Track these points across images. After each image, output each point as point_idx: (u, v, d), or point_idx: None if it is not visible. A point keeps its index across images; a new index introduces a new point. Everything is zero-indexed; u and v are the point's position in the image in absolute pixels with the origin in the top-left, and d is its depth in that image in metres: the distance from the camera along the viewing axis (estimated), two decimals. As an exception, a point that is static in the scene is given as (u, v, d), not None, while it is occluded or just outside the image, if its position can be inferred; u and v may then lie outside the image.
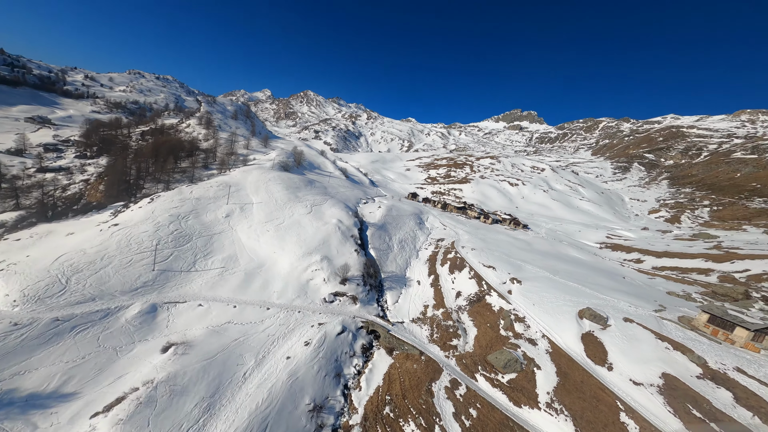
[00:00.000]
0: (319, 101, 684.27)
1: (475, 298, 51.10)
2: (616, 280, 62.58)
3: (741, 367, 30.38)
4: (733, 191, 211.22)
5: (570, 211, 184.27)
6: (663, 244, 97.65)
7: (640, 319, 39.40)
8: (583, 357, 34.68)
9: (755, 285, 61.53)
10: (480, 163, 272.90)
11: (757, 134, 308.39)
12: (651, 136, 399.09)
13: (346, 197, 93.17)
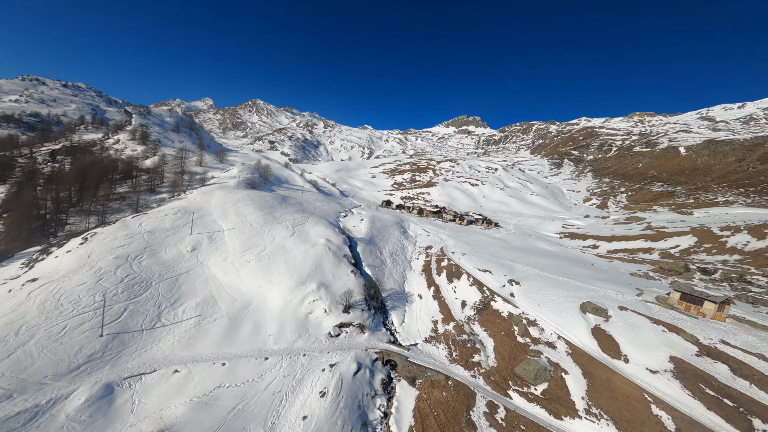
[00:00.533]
0: (270, 110, 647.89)
1: (481, 305, 50.83)
2: (588, 267, 69.00)
3: (724, 339, 34.73)
4: (639, 179, 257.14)
5: (525, 206, 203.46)
6: (608, 230, 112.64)
7: (631, 305, 43.16)
8: (600, 353, 36.21)
9: (688, 258, 74.21)
10: (441, 166, 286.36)
11: (647, 132, 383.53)
12: (573, 136, 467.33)
13: (325, 212, 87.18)
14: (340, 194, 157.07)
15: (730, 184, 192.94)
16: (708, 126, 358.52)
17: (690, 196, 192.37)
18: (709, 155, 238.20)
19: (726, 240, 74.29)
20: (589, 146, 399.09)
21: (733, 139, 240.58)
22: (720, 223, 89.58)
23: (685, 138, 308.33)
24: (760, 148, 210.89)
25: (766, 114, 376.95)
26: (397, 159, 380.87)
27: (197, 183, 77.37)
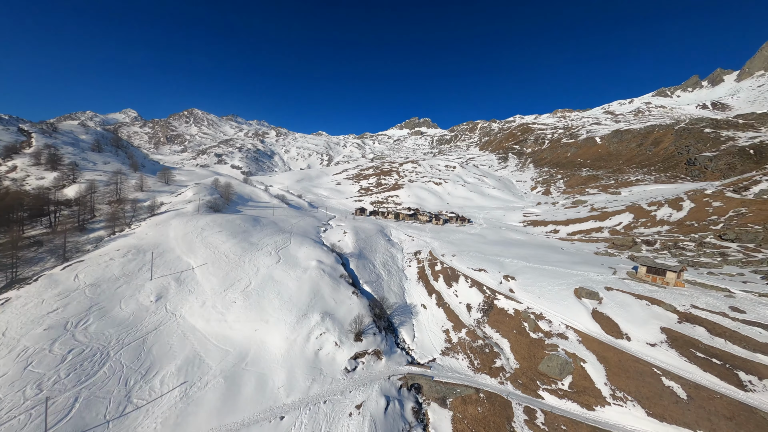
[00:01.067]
0: (212, 120, 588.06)
1: (486, 306, 51.66)
2: (560, 252, 75.97)
3: (694, 304, 40.64)
4: (570, 166, 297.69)
5: (485, 199, 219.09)
6: (562, 214, 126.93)
7: (615, 285, 48.20)
8: (605, 335, 39.28)
9: (631, 233, 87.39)
10: (404, 168, 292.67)
11: (569, 126, 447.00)
12: (513, 132, 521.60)
13: (304, 229, 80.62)
14: (309, 206, 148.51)
15: (636, 165, 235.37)
16: (611, 118, 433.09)
17: (610, 177, 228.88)
18: (617, 143, 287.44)
19: (655, 214, 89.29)
20: (527, 140, 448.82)
21: (632, 128, 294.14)
22: (645, 199, 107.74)
23: (597, 129, 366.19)
24: (650, 135, 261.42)
25: (648, 107, 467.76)
26: (359, 164, 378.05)
27: (144, 213, 64.27)
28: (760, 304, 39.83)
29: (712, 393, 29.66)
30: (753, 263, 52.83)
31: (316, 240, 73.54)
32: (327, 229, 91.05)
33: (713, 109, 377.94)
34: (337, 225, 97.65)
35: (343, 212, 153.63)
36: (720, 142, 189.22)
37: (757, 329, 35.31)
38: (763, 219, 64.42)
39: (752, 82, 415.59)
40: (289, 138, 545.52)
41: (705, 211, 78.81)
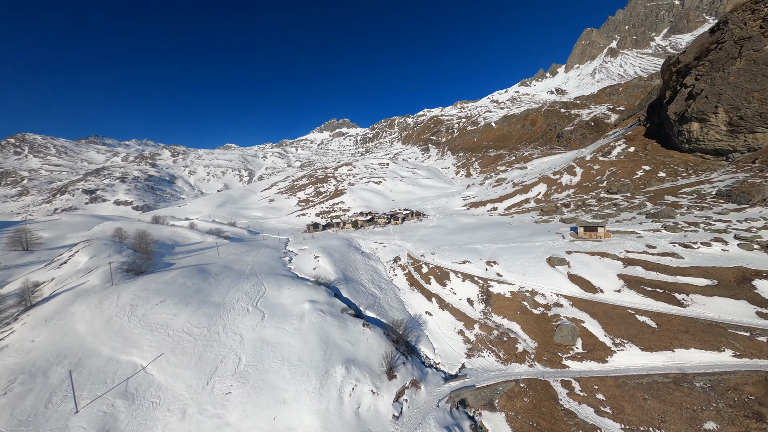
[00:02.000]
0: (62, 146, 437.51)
1: (484, 296, 55.09)
2: (512, 227, 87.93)
3: (626, 249, 53.06)
4: (478, 149, 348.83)
5: (424, 189, 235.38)
6: (493, 193, 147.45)
7: (571, 248, 58.60)
8: (585, 293, 47.28)
9: (550, 199, 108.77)
10: (339, 172, 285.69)
11: (469, 115, 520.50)
12: (427, 125, 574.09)
13: (268, 265, 68.66)
14: (249, 233, 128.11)
15: (525, 142, 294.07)
16: (496, 106, 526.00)
17: (511, 155, 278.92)
18: (508, 126, 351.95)
19: (560, 181, 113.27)
20: (440, 131, 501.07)
21: (515, 113, 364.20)
22: (548, 170, 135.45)
23: (491, 116, 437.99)
24: (528, 117, 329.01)
25: (517, 94, 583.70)
26: (288, 174, 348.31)
27: (13, 308, 41.70)
28: (659, 238, 55.24)
29: (668, 317, 39.41)
30: (635, 207, 72.66)
31: (290, 275, 63.62)
32: (292, 258, 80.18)
33: (557, 94, 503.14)
34: (300, 249, 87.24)
35: (293, 232, 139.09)
36: (572, 119, 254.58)
37: (668, 258, 49.00)
38: (627, 174, 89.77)
39: (573, 72, 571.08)
40: (191, 156, 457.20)
41: (591, 173, 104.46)
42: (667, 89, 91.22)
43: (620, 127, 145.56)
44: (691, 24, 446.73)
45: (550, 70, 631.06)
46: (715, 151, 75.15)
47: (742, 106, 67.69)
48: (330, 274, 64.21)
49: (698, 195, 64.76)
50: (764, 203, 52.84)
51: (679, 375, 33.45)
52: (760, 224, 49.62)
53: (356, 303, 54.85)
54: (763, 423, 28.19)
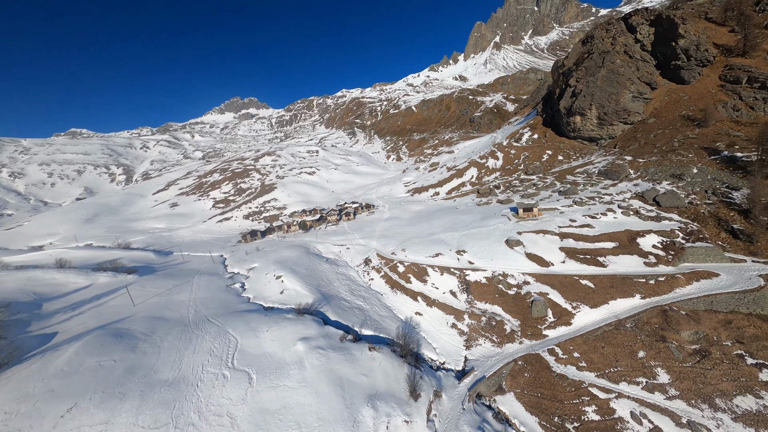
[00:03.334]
0: None
1: (464, 285, 59.68)
2: (461, 212, 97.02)
3: (558, 225, 66.21)
4: (404, 133, 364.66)
5: (361, 177, 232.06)
6: (431, 177, 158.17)
7: (520, 228, 69.10)
8: (542, 269, 57.12)
9: (483, 182, 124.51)
10: (262, 163, 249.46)
11: (389, 98, 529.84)
12: (349, 107, 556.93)
13: (219, 301, 54.68)
14: (161, 255, 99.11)
15: (444, 126, 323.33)
16: (412, 90, 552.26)
17: (434, 138, 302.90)
18: (427, 110, 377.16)
19: (487, 165, 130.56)
20: (364, 114, 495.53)
21: (431, 98, 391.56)
22: (473, 154, 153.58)
23: (410, 100, 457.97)
24: (443, 102, 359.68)
25: (428, 79, 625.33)
26: (190, 169, 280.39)
27: None
28: (574, 212, 71.10)
29: (599, 277, 52.04)
30: (548, 186, 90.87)
31: (255, 307, 52.60)
32: (243, 283, 66.40)
33: (461, 80, 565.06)
34: (250, 269, 73.13)
35: (222, 244, 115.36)
36: (479, 105, 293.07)
37: (585, 228, 64.05)
38: (537, 158, 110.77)
39: (471, 61, 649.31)
40: (10, 150, 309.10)
41: (510, 157, 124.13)
42: (556, 87, 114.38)
43: (519, 115, 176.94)
44: (546, 29, 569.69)
45: (453, 58, 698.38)
46: (590, 138, 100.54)
47: (605, 104, 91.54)
48: (305, 296, 56.41)
49: (587, 174, 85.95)
50: (627, 179, 74.63)
51: (616, 322, 45.32)
52: (629, 195, 70.07)
53: (348, 324, 50.41)
54: (666, 342, 41.61)
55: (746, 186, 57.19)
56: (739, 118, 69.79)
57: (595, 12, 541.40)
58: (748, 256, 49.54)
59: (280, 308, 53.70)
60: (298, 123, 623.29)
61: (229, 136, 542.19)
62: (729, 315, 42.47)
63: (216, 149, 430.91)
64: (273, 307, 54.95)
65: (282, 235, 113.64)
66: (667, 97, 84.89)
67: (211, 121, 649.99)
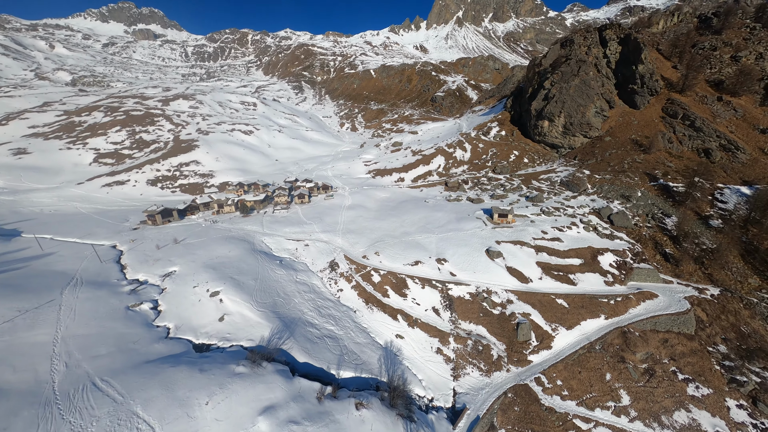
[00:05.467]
0: None
1: (447, 301, 55.03)
2: (431, 207, 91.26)
3: (532, 236, 66.79)
4: (360, 99, 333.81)
5: (311, 146, 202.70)
6: (395, 159, 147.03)
7: (498, 236, 67.36)
8: (522, 285, 56.55)
9: (449, 173, 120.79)
10: (175, 108, 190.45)
11: (345, 53, 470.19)
12: (295, 54, 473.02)
13: (116, 338, 35.34)
14: None
15: (404, 99, 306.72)
16: (371, 50, 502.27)
17: (393, 112, 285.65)
18: (387, 77, 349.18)
19: (455, 155, 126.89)
20: (314, 67, 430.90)
21: (393, 65, 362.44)
22: (440, 141, 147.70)
23: (368, 62, 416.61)
24: (404, 72, 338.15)
25: (388, 41, 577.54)
26: (54, 99, 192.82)
27: None
28: (543, 222, 73.14)
29: (572, 296, 54.19)
30: (516, 189, 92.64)
31: (185, 352, 35.88)
32: (157, 301, 46.09)
33: (421, 51, 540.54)
34: (168, 276, 51.84)
35: (113, 224, 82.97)
36: (441, 84, 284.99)
37: (556, 242, 66.43)
38: (504, 156, 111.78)
39: (432, 32, 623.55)
40: None
41: (478, 151, 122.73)
42: (530, 85, 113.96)
43: (484, 105, 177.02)
44: (504, 16, 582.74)
45: (414, 23, 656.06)
46: (553, 145, 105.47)
47: (573, 114, 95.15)
48: (258, 326, 42.09)
49: (551, 182, 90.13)
50: (585, 193, 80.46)
51: (588, 345, 47.99)
52: (587, 209, 75.62)
53: (323, 364, 39.56)
54: (625, 362, 45.98)
55: (675, 214, 67.19)
56: (670, 149, 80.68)
57: (546, 11, 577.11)
58: (674, 277, 58.99)
59: (222, 349, 38.39)
60: (226, 60, 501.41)
61: (118, 58, 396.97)
62: (666, 334, 49.51)
63: (96, 74, 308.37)
64: (210, 346, 39.06)
65: (211, 217, 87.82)
66: (621, 119, 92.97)
67: (84, 30, 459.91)
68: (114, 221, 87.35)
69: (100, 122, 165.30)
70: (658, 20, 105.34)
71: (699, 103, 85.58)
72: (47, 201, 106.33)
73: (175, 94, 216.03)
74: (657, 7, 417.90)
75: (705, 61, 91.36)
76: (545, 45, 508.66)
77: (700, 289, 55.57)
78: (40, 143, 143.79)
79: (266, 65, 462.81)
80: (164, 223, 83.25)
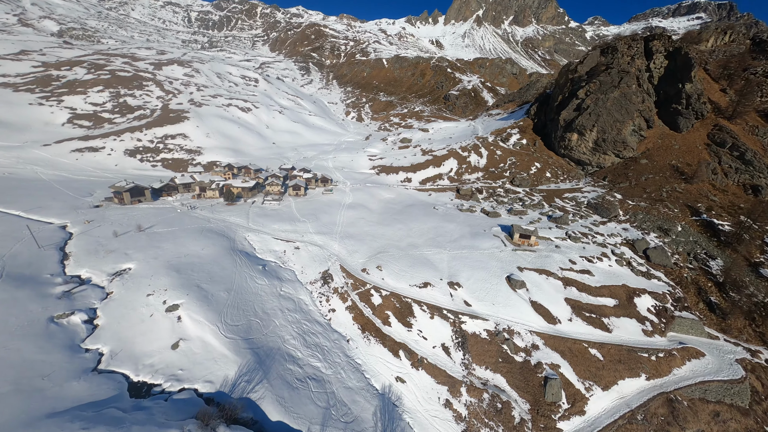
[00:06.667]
0: None
1: (460, 338, 45.75)
2: (441, 216, 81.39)
3: (559, 266, 57.77)
4: (369, 88, 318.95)
5: (313, 132, 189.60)
6: (402, 157, 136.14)
7: (520, 261, 58.18)
8: (549, 326, 47.58)
9: (462, 179, 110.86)
10: (168, 74, 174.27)
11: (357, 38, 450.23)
12: (305, 33, 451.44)
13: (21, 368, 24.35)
14: None
15: (415, 94, 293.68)
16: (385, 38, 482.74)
17: (402, 106, 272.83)
18: (399, 69, 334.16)
19: (469, 160, 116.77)
20: (323, 49, 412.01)
21: (407, 56, 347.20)
22: (453, 143, 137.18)
23: (381, 50, 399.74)
24: (419, 66, 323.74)
25: (404, 32, 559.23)
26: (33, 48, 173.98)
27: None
28: (570, 249, 64.22)
29: (606, 346, 45.54)
30: (536, 206, 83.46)
31: (116, 396, 25.27)
32: (95, 311, 35.09)
33: (436, 46, 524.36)
34: (119, 274, 40.90)
35: (70, 198, 70.97)
36: (456, 82, 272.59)
37: (586, 275, 57.60)
38: (525, 167, 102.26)
39: (450, 28, 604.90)
40: None
41: (495, 158, 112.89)
42: (560, 92, 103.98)
43: (502, 109, 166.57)
44: (525, 20, 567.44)
45: (432, 17, 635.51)
46: (579, 161, 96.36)
47: (607, 130, 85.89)
48: (223, 361, 31.82)
49: (576, 202, 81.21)
50: (616, 219, 71.78)
51: (628, 413, 39.38)
52: (619, 240, 66.98)
53: (302, 426, 29.65)
54: (671, 439, 37.81)
55: (721, 257, 59.10)
56: (714, 181, 72.34)
57: (567, 21, 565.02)
58: (720, 332, 51.05)
59: (169, 394, 28.05)
60: (231, 31, 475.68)
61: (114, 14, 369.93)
62: (717, 405, 41.38)
63: (87, 28, 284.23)
64: (152, 387, 28.69)
65: (190, 201, 76.06)
66: (660, 141, 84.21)
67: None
68: (75, 194, 74.87)
69: (81, 79, 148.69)
70: (708, 37, 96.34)
71: (749, 134, 77.42)
72: (3, 161, 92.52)
73: (169, 58, 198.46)
74: (678, 30, 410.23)
75: (757, 88, 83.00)
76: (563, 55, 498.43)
77: (752, 351, 47.62)
78: (8, 95, 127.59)
79: (273, 41, 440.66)
80: (133, 203, 71.27)
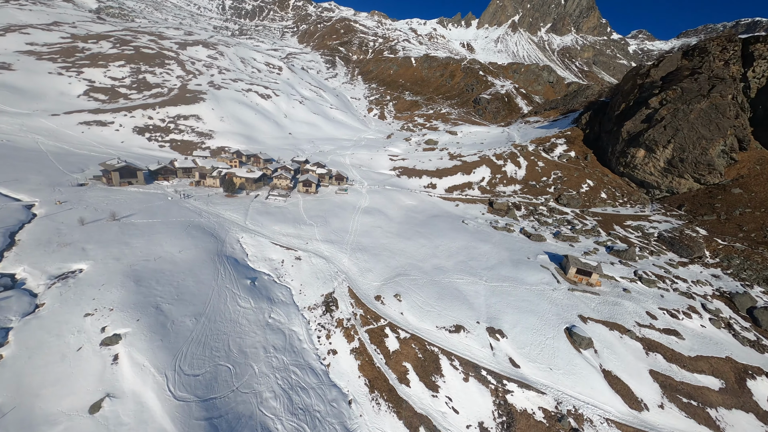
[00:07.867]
0: None
1: (504, 417, 32.70)
2: (471, 232, 68.42)
3: (635, 320, 43.49)
4: (394, 86, 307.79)
5: (332, 125, 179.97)
6: (427, 160, 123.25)
7: (582, 307, 44.46)
8: (631, 412, 33.76)
9: (496, 191, 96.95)
10: (190, 54, 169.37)
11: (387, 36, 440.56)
12: (335, 27, 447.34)
13: None
14: None
15: (442, 95, 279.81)
16: (415, 38, 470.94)
17: (428, 107, 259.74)
18: (428, 68, 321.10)
19: (505, 169, 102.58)
20: (351, 44, 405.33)
21: (437, 56, 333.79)
22: (485, 149, 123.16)
23: (410, 49, 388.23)
24: (448, 66, 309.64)
25: (435, 32, 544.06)
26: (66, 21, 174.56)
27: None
28: (643, 296, 49.61)
29: (722, 457, 31.33)
30: (590, 232, 68.67)
31: None
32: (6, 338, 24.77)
33: (467, 49, 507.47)
34: (63, 278, 30.90)
35: (55, 174, 63.20)
36: (488, 86, 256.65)
37: (672, 338, 43.34)
38: (573, 185, 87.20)
39: (483, 32, 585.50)
40: None
41: (536, 170, 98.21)
42: (623, 100, 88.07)
43: (542, 117, 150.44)
44: (564, 28, 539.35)
45: (466, 19, 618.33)
46: (641, 182, 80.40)
47: (688, 148, 69.82)
48: None
49: (643, 233, 65.92)
50: (700, 262, 56.20)
51: None
52: (710, 290, 51.60)
53: None
54: None
55: None
56: (838, 225, 55.26)
57: (609, 32, 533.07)
58: None
59: None
60: (262, 21, 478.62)
61: None
62: None
63: (124, 8, 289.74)
64: None
65: (185, 188, 66.70)
66: (759, 167, 67.36)
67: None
68: (65, 169, 67.36)
69: (105, 53, 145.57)
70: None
71: None
72: (5, 128, 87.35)
73: (195, 39, 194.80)
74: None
75: None
76: (602, 68, 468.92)
77: None
78: (30, 62, 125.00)
79: (302, 33, 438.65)
80: (122, 184, 62.60)
